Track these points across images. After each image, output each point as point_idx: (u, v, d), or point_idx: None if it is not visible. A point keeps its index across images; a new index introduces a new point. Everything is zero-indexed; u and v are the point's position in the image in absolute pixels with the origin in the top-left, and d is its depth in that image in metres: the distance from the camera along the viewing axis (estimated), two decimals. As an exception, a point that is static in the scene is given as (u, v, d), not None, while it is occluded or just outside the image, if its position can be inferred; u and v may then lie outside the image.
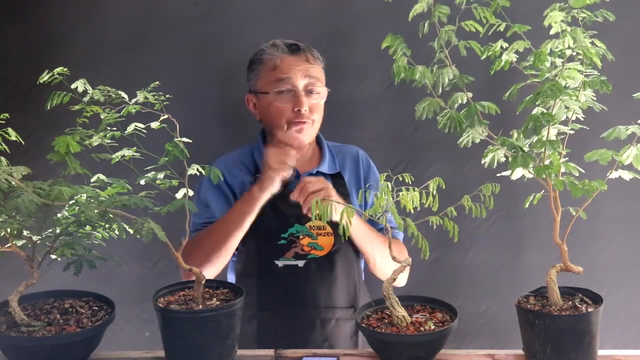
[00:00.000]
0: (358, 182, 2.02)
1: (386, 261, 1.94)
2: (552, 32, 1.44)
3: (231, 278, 2.06)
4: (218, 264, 1.86)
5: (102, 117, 1.46)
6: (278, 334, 1.87)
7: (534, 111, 1.43)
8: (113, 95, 1.45)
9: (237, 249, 1.97)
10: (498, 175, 1.53)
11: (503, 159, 1.46)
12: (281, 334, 1.87)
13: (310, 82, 1.93)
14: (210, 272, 1.85)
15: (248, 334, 1.90)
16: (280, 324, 1.89)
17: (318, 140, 2.07)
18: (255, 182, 1.92)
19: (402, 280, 2.01)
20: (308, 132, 1.96)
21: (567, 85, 1.43)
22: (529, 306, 1.47)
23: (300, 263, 1.89)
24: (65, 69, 1.43)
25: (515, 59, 1.47)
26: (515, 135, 1.48)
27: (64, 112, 1.48)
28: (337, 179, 1.98)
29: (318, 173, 1.97)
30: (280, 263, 1.90)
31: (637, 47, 2.40)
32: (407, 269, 1.98)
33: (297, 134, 1.94)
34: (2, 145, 1.44)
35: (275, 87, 1.93)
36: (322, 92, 1.96)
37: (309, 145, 2.02)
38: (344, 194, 1.94)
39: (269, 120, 1.97)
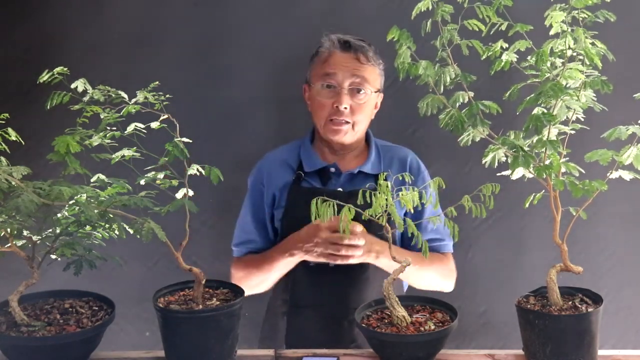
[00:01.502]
0: (403, 185, 2.00)
1: (423, 278, 1.95)
2: (552, 32, 1.44)
3: None
4: (258, 290, 1.95)
5: (102, 117, 1.45)
6: (306, 332, 1.88)
7: (535, 111, 1.43)
8: (113, 95, 1.45)
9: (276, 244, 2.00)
10: (498, 175, 1.53)
11: (504, 159, 1.46)
12: (309, 332, 1.88)
13: (356, 82, 1.90)
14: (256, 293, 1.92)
15: (280, 330, 1.92)
16: (309, 323, 1.89)
17: (367, 139, 2.05)
18: (295, 184, 1.95)
19: (447, 286, 2.00)
20: (348, 134, 1.93)
21: (567, 85, 1.43)
22: (529, 306, 1.47)
23: (331, 263, 1.88)
24: (65, 69, 1.43)
25: (515, 59, 1.47)
26: (513, 136, 1.48)
27: (64, 112, 1.48)
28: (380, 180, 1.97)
29: (360, 172, 1.96)
30: (311, 262, 1.90)
31: (638, 47, 2.40)
32: (453, 274, 2.00)
33: (334, 131, 1.92)
34: (2, 145, 1.43)
35: (321, 81, 1.92)
36: (369, 94, 1.92)
37: (355, 144, 2.00)
38: None
39: (314, 113, 1.97)
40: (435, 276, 1.95)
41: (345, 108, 1.89)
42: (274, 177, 1.99)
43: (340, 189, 1.93)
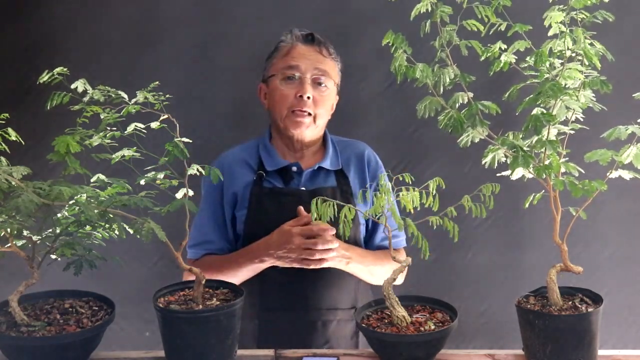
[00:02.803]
0: (363, 181, 1.98)
1: (377, 275, 1.92)
2: (550, 33, 1.44)
3: None
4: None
5: (102, 117, 1.46)
6: (278, 335, 1.86)
7: (534, 111, 1.43)
8: (113, 95, 1.45)
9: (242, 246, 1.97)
10: (498, 175, 1.53)
11: (503, 159, 1.46)
12: (282, 334, 1.86)
13: (318, 74, 1.91)
14: None
15: (249, 333, 1.90)
16: (281, 325, 1.89)
17: (323, 136, 2.04)
18: (257, 184, 1.91)
19: (399, 281, 1.99)
20: (309, 127, 1.92)
21: (566, 86, 1.43)
22: (529, 306, 1.47)
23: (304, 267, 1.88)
24: (65, 69, 1.44)
25: (514, 60, 1.47)
26: (512, 136, 1.48)
27: (64, 112, 1.48)
28: (340, 177, 1.96)
29: (320, 168, 1.95)
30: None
31: (637, 47, 2.40)
32: (405, 268, 1.99)
33: (296, 124, 1.90)
34: (2, 145, 1.43)
35: (283, 72, 1.92)
36: (330, 88, 1.93)
37: (315, 141, 1.99)
38: (348, 193, 1.93)
39: (273, 107, 1.95)
40: (389, 272, 1.95)
41: (309, 97, 1.88)
42: (235, 176, 1.95)
43: (303, 188, 1.92)
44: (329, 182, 1.94)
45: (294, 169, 1.94)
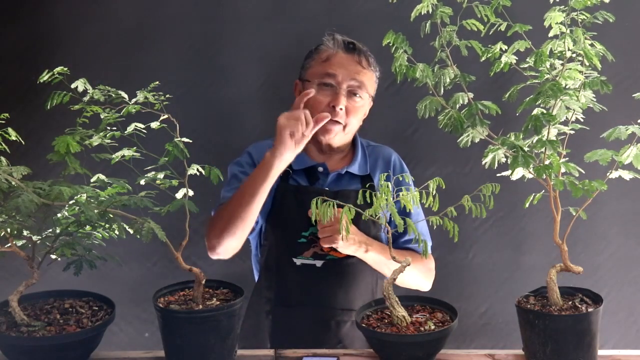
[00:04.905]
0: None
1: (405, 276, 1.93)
2: (550, 34, 1.44)
3: (256, 271, 2.06)
4: (237, 235, 1.80)
5: (102, 117, 1.46)
6: (292, 332, 1.87)
7: (534, 111, 1.43)
8: (113, 95, 1.45)
9: (260, 243, 1.97)
10: (498, 175, 1.53)
11: (503, 159, 1.46)
12: (295, 332, 1.87)
13: (355, 85, 1.89)
14: (231, 244, 1.81)
15: (264, 328, 1.91)
16: (295, 322, 1.89)
17: (353, 139, 2.03)
18: (283, 180, 1.90)
19: (426, 285, 1.99)
20: (338, 135, 1.92)
21: (567, 86, 1.43)
22: (529, 306, 1.47)
23: (318, 263, 1.87)
24: (66, 69, 1.44)
25: (514, 61, 1.48)
26: (513, 137, 1.48)
27: (64, 112, 1.49)
28: (366, 181, 1.96)
29: (347, 173, 1.96)
30: (298, 261, 1.89)
31: (637, 47, 2.40)
32: (432, 274, 1.99)
33: (326, 131, 1.89)
34: (2, 145, 1.44)
35: (319, 79, 1.90)
36: (364, 99, 1.93)
37: (343, 146, 1.99)
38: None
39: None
40: (417, 274, 1.94)
41: (341, 109, 1.88)
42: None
43: (327, 189, 1.92)
44: (353, 185, 1.95)
45: (320, 169, 1.96)
